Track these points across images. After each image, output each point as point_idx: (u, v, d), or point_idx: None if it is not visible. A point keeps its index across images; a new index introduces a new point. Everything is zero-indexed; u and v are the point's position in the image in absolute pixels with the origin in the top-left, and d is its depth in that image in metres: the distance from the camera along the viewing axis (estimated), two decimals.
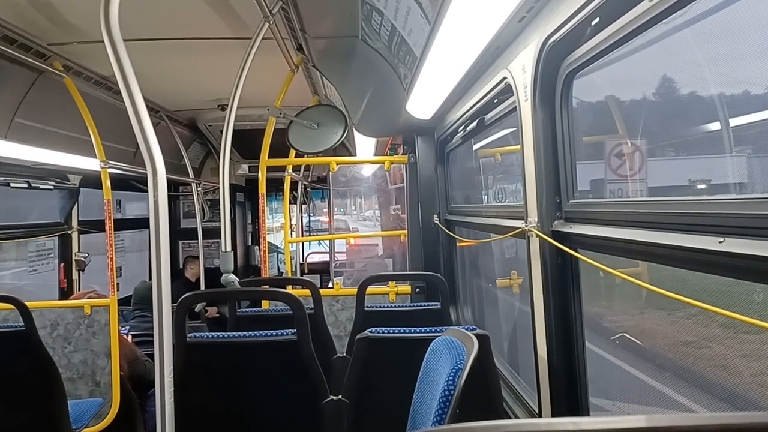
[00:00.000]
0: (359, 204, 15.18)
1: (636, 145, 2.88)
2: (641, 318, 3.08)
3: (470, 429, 0.48)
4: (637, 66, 2.18)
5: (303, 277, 6.54)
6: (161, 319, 1.88)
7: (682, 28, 1.77)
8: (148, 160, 1.86)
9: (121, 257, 6.74)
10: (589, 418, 0.50)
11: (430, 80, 2.63)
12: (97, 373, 3.89)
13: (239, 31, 3.49)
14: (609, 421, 0.50)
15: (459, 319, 4.08)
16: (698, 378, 2.45)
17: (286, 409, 2.41)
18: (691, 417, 0.50)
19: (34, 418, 3.02)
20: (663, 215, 1.35)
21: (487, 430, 0.48)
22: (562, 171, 1.89)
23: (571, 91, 1.83)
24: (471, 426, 0.48)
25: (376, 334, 2.23)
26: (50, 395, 3.04)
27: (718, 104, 2.23)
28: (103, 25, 1.81)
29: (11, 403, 2.99)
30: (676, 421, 0.50)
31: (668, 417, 0.50)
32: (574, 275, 1.92)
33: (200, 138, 7.17)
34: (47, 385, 3.02)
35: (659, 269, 1.79)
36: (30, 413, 3.01)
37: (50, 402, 3.05)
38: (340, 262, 8.21)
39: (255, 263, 8.89)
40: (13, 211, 5.29)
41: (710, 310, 1.17)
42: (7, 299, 3.02)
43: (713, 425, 0.49)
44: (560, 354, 1.94)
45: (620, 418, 0.50)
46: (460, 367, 1.41)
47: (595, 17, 1.49)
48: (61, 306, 3.99)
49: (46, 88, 3.83)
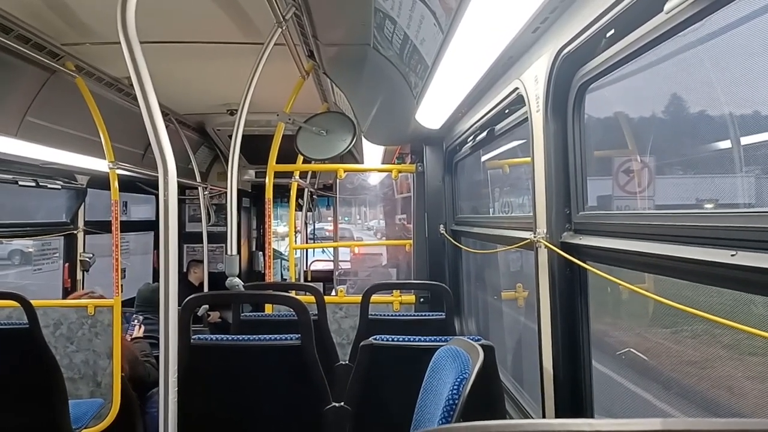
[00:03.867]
0: (364, 213, 15.18)
1: (644, 161, 2.87)
2: (647, 334, 3.06)
3: (486, 427, 0.47)
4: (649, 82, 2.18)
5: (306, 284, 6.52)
6: (167, 320, 1.87)
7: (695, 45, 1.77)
8: (160, 161, 1.87)
9: (125, 259, 6.75)
10: (604, 420, 0.49)
11: (441, 89, 2.63)
12: (98, 374, 3.88)
13: (251, 36, 3.51)
14: (624, 424, 0.49)
15: (463, 329, 4.06)
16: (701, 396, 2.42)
17: (287, 414, 2.39)
18: (708, 422, 0.49)
19: (35, 416, 3.01)
20: (674, 228, 1.35)
21: (502, 427, 0.48)
22: (573, 182, 1.88)
23: (583, 102, 1.83)
24: (487, 424, 0.47)
25: (381, 341, 2.22)
26: (52, 394, 3.03)
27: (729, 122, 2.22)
28: (120, 26, 1.82)
29: (12, 400, 2.98)
30: (691, 425, 0.49)
31: (684, 420, 0.50)
32: (582, 288, 1.91)
33: (208, 142, 7.19)
34: (49, 384, 3.01)
35: (663, 288, 1.79)
36: (31, 412, 3.00)
37: (51, 401, 3.04)
38: (343, 270, 8.20)
39: (259, 269, 8.88)
40: (20, 210, 5.31)
41: (719, 322, 1.16)
42: (12, 296, 3.02)
43: (729, 430, 0.49)
44: (566, 367, 1.93)
45: (635, 420, 0.50)
46: (465, 376, 1.40)
47: (610, 29, 1.49)
48: (65, 305, 3.99)
49: (57, 87, 3.86)
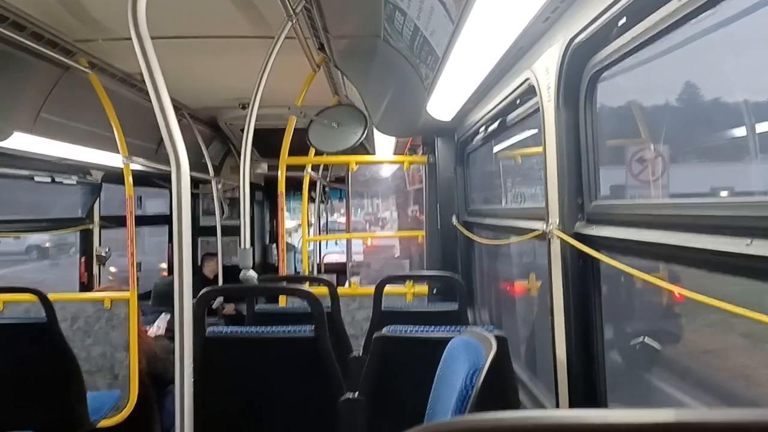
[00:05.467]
0: (376, 205, 15.20)
1: (658, 150, 2.85)
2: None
3: (500, 419, 0.48)
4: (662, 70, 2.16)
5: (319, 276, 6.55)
6: (182, 313, 1.89)
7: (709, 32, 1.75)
8: (172, 155, 1.88)
9: (140, 253, 6.81)
10: (617, 411, 0.49)
11: (452, 81, 2.62)
12: (115, 366, 3.93)
13: (262, 30, 3.51)
14: (637, 415, 0.49)
15: (476, 320, 4.06)
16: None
17: (302, 405, 2.41)
18: (723, 412, 0.49)
19: (55, 408, 3.06)
20: (689, 217, 1.34)
21: (516, 420, 0.48)
22: (585, 172, 1.87)
23: (595, 91, 1.82)
24: (500, 415, 0.48)
25: (394, 332, 2.23)
26: (70, 387, 3.08)
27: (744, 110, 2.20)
28: (131, 22, 1.82)
29: (32, 393, 3.03)
30: (705, 416, 0.49)
31: (698, 412, 0.49)
32: (595, 278, 1.90)
33: (220, 136, 7.21)
34: (67, 376, 3.06)
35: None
36: (50, 404, 3.05)
37: (70, 393, 3.09)
38: (357, 262, 8.23)
39: (272, 262, 8.92)
40: (37, 206, 5.37)
41: (734, 311, 1.16)
42: (29, 291, 3.07)
43: (744, 421, 0.48)
44: (579, 357, 1.92)
45: (648, 411, 0.49)
46: (478, 367, 1.40)
47: (622, 17, 1.47)
48: (82, 299, 4.04)
49: (71, 84, 3.89)
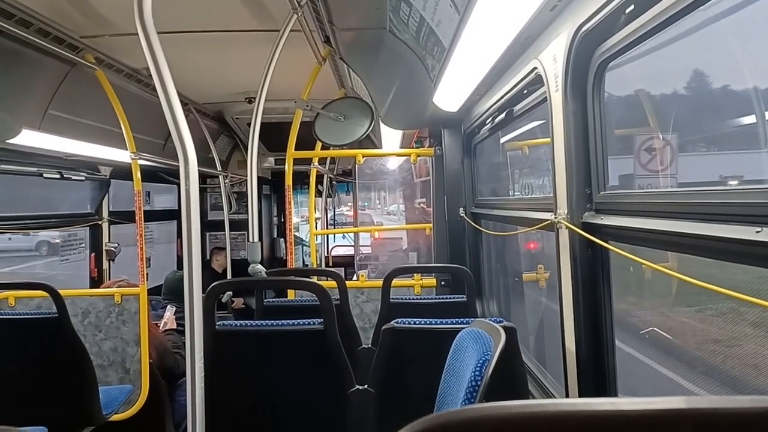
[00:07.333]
0: (384, 198, 15.19)
1: (666, 139, 2.83)
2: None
3: (508, 407, 0.48)
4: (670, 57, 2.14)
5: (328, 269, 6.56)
6: (192, 307, 1.90)
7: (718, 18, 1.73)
8: (180, 151, 1.88)
9: (149, 248, 6.84)
10: (628, 399, 0.49)
11: (458, 72, 2.61)
12: (126, 361, 3.96)
13: (267, 23, 3.50)
14: (647, 402, 0.49)
15: (485, 312, 4.06)
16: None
17: (312, 397, 2.43)
18: (732, 399, 0.49)
19: (67, 403, 3.09)
20: (698, 205, 1.33)
21: (524, 408, 0.48)
22: (593, 162, 1.86)
23: (603, 80, 1.81)
24: (509, 404, 0.48)
25: (403, 324, 2.23)
26: (82, 381, 3.11)
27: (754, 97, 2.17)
28: (137, 17, 1.83)
29: (44, 387, 3.07)
30: (716, 403, 0.49)
31: (708, 399, 0.49)
32: (604, 268, 1.89)
33: (227, 131, 7.23)
34: (79, 371, 3.09)
35: (686, 267, 1.77)
36: (63, 398, 3.08)
37: (82, 388, 3.12)
38: (364, 255, 8.24)
39: (280, 255, 8.95)
40: (46, 202, 5.40)
41: (744, 300, 1.15)
42: (41, 286, 3.10)
43: (755, 408, 0.48)
44: (589, 347, 1.92)
45: (659, 399, 0.49)
46: (487, 358, 1.41)
47: (630, 4, 1.46)
48: (93, 294, 4.07)
49: (78, 80, 3.90)
